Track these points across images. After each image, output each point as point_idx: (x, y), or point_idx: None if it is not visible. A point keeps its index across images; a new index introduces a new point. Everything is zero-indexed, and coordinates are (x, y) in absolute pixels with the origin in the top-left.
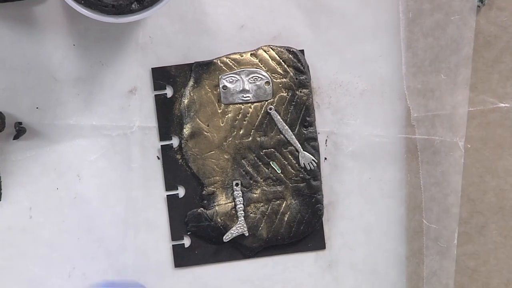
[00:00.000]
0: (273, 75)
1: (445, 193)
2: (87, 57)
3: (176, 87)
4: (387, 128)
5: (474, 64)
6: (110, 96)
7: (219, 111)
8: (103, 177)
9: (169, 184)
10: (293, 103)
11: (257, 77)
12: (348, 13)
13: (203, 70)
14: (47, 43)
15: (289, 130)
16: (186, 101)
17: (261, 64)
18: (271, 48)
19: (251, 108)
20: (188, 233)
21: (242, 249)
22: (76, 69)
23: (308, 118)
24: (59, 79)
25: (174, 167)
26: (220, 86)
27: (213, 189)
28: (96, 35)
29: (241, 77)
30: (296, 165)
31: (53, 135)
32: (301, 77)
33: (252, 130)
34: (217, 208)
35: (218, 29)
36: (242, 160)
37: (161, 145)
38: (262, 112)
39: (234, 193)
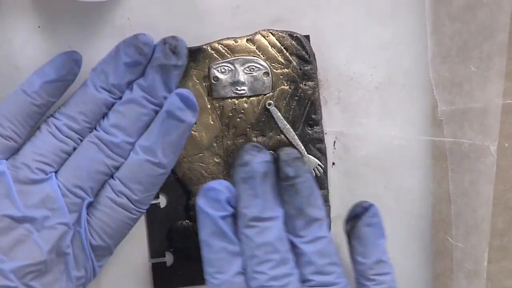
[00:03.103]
0: (273, 64)
1: (474, 205)
2: (54, 41)
3: None
4: (407, 128)
5: (510, 54)
6: None
7: (209, 106)
8: None
9: None
10: (296, 98)
11: (254, 67)
12: None
13: (190, 58)
14: (7, 25)
15: (291, 130)
16: None
17: (259, 52)
18: (270, 33)
19: (246, 103)
20: (171, 250)
21: None
22: (42, 55)
23: (313, 116)
24: (21, 67)
25: None
26: (211, 77)
27: None
28: (65, 16)
29: (235, 67)
30: None
31: None
32: (306, 67)
33: (248, 129)
34: None
35: (209, 11)
36: None
37: None
38: (259, 108)
39: None
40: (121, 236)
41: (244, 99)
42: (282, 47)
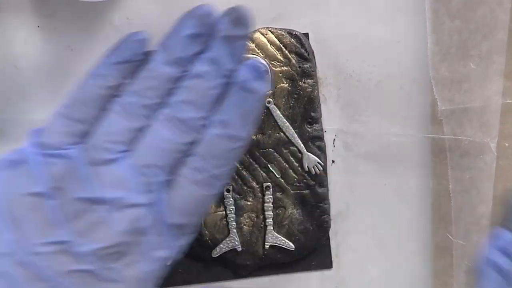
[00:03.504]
0: (272, 62)
1: (474, 202)
2: (53, 41)
3: None
4: (407, 126)
5: (510, 51)
6: None
7: None
8: None
9: None
10: (295, 96)
11: None
12: None
13: None
14: (6, 25)
15: (291, 128)
16: None
17: (258, 50)
18: (269, 30)
19: None
20: None
21: (234, 267)
22: (41, 55)
23: (313, 114)
24: (21, 66)
25: None
26: None
27: None
28: (64, 15)
29: None
30: (299, 168)
31: (12, 132)
32: (305, 65)
33: None
34: (204, 219)
35: None
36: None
37: None
38: None
39: (225, 200)
40: (201, 213)
41: None
42: (281, 45)
